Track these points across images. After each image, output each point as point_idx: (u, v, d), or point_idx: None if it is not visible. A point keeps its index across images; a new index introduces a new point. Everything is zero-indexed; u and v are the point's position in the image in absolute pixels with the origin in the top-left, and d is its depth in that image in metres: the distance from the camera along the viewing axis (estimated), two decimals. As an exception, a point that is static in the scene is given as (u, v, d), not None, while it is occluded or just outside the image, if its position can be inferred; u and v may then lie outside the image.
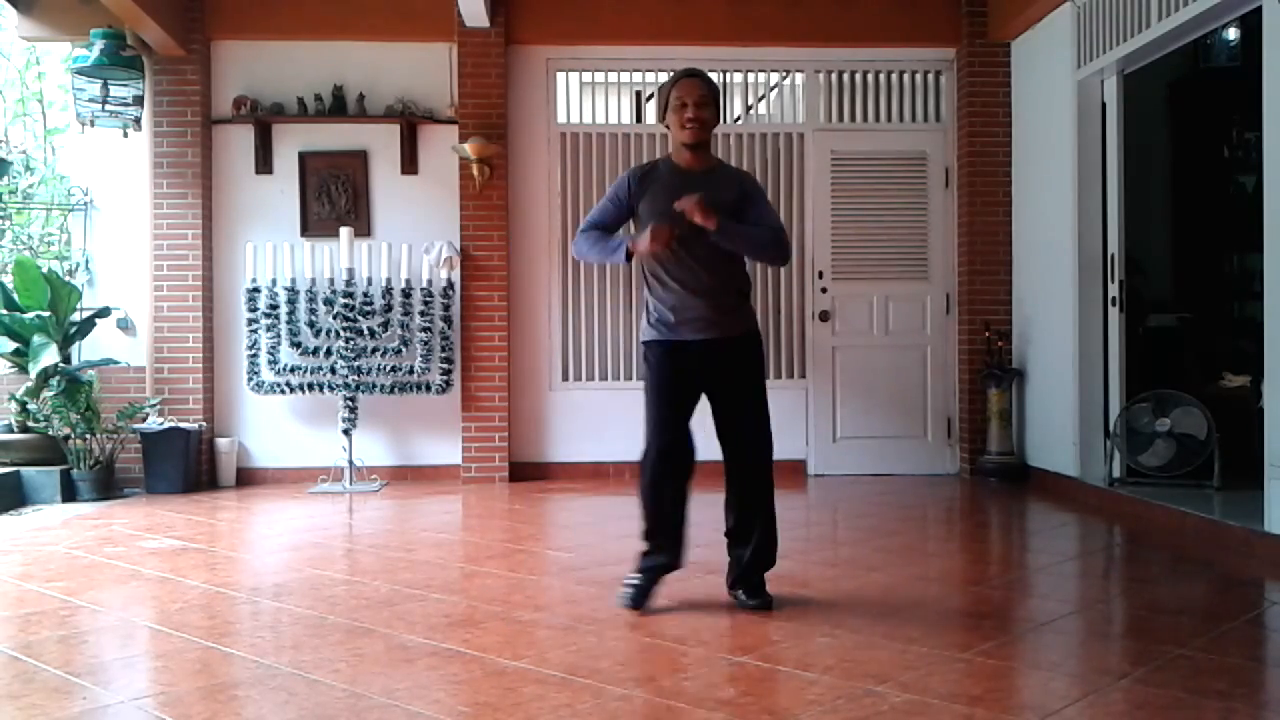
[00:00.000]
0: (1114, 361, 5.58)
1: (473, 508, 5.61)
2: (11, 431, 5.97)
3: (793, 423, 6.64)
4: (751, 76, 6.80)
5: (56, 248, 6.61)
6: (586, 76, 6.79)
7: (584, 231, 3.49)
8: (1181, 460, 5.19)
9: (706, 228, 3.23)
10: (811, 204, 6.69)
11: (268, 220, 6.45)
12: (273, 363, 6.26)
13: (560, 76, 6.71)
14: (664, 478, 3.37)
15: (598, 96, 6.77)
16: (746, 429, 3.42)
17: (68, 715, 2.45)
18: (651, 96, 6.79)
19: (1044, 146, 6.11)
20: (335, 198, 6.48)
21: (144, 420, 6.09)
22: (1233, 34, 6.55)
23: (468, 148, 6.21)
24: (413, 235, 6.42)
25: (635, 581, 3.41)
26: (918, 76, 6.76)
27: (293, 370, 6.26)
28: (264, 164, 6.45)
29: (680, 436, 3.37)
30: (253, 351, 6.26)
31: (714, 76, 6.71)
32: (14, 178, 6.73)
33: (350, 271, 6.22)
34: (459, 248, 6.42)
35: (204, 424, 6.26)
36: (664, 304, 3.41)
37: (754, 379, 3.45)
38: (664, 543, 3.40)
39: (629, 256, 3.35)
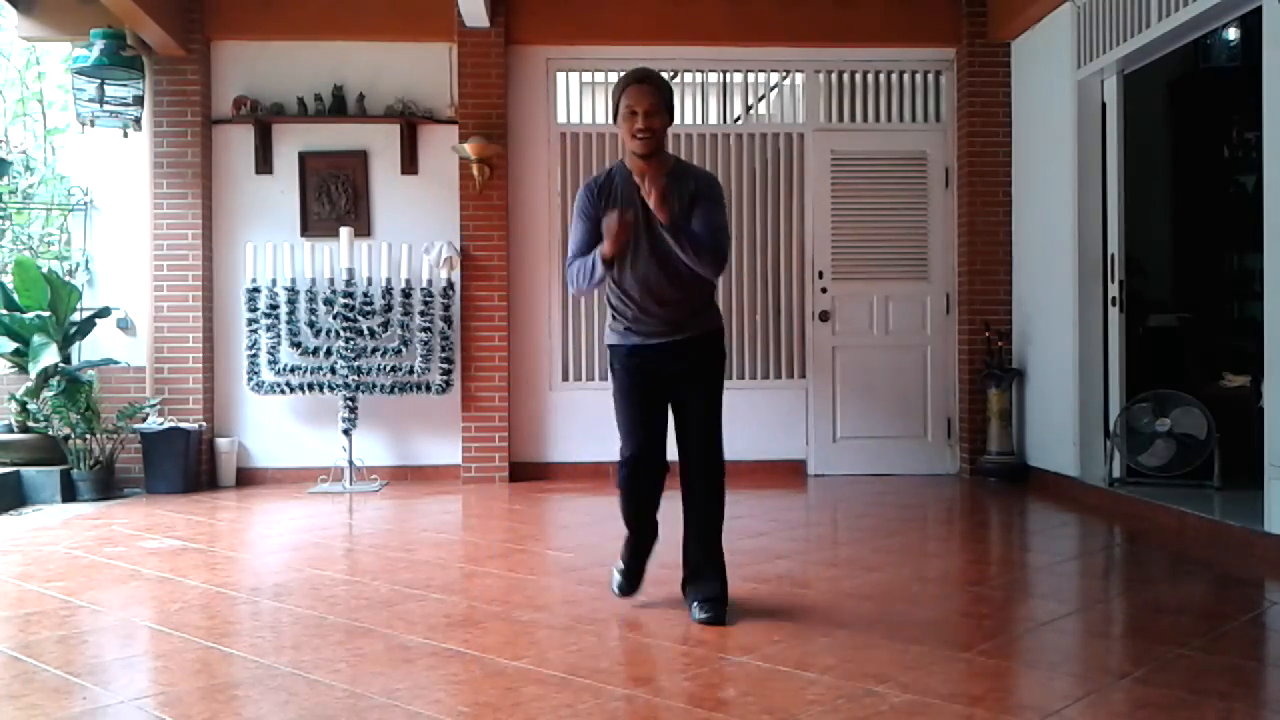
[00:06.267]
0: (1114, 361, 5.57)
1: (473, 508, 5.61)
2: (11, 431, 5.97)
3: (793, 423, 6.66)
4: (751, 76, 6.79)
5: (56, 248, 6.61)
6: (586, 76, 6.79)
7: (570, 265, 3.34)
8: (1181, 460, 5.19)
9: (659, 217, 3.07)
10: (811, 204, 6.68)
11: (268, 220, 6.45)
12: (273, 363, 6.26)
13: (560, 76, 6.71)
14: (636, 483, 3.40)
15: (598, 96, 6.77)
16: (693, 438, 3.33)
17: (68, 715, 2.45)
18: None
19: (1044, 146, 6.10)
20: (335, 198, 6.48)
21: (144, 420, 6.09)
22: (1233, 34, 6.55)
23: (468, 148, 6.21)
24: (413, 235, 6.42)
25: (623, 566, 3.50)
26: (918, 76, 6.76)
27: (293, 370, 6.26)
28: (264, 164, 6.45)
29: (651, 445, 3.34)
30: (253, 351, 6.26)
31: (714, 76, 6.83)
32: (14, 178, 6.73)
33: (350, 271, 6.22)
34: (459, 248, 6.42)
35: (204, 424, 6.26)
36: (623, 311, 3.38)
37: (709, 379, 3.35)
38: (643, 528, 3.47)
39: (607, 263, 3.19)
